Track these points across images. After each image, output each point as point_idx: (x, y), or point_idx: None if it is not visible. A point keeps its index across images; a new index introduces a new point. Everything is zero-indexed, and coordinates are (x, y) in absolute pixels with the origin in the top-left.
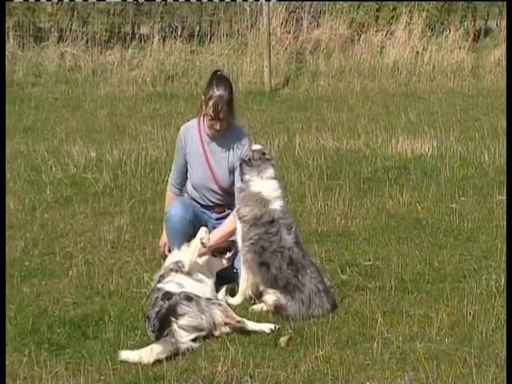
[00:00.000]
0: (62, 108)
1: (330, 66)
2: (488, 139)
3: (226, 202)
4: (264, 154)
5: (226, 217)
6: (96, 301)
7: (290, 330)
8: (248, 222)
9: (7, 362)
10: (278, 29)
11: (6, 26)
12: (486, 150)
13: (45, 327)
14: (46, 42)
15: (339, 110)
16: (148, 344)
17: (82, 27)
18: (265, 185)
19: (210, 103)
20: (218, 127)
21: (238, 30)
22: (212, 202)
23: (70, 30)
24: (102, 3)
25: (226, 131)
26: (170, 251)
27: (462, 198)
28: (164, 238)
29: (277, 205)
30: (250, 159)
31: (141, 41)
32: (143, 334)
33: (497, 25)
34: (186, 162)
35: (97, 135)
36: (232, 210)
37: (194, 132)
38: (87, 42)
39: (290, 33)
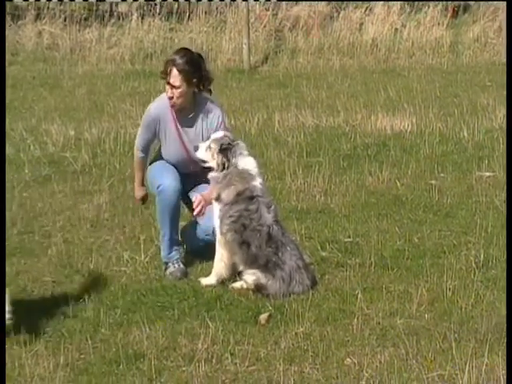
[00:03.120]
0: (40, 87)
1: (309, 43)
2: (467, 115)
3: (200, 170)
4: (228, 137)
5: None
6: (75, 280)
7: (270, 308)
8: (229, 202)
9: None
10: (257, 6)
11: None
12: (465, 126)
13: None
14: (24, 20)
15: (318, 87)
16: (128, 323)
17: (60, 5)
18: (247, 161)
19: (164, 67)
20: (170, 94)
21: (216, 8)
22: (187, 170)
23: (48, 7)
24: None
25: (195, 107)
26: (144, 202)
27: (442, 174)
28: (140, 193)
29: (258, 182)
30: (229, 145)
31: (119, 18)
32: (123, 313)
33: (476, 1)
34: (155, 137)
35: (75, 114)
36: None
37: (166, 112)
38: (65, 20)
39: (268, 10)
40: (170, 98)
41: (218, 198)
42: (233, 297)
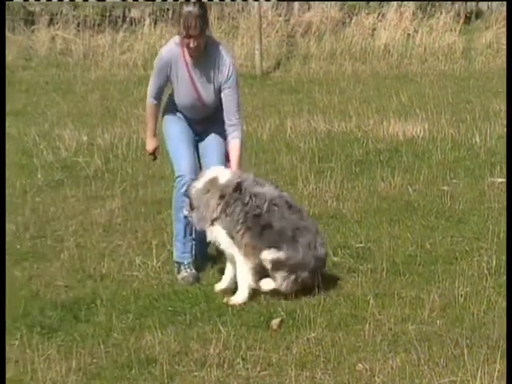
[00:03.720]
0: (53, 92)
1: (321, 48)
2: (479, 121)
3: (212, 115)
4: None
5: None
6: (88, 284)
7: (282, 313)
8: (221, 211)
9: None
10: (269, 12)
11: None
12: (478, 132)
13: (36, 310)
14: (37, 25)
15: (331, 92)
16: (140, 328)
17: (73, 10)
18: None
19: (181, 21)
20: (191, 45)
21: (228, 13)
22: (198, 115)
23: (61, 13)
24: None
25: (206, 52)
26: (155, 157)
27: (454, 180)
28: (152, 144)
29: (223, 179)
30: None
31: (132, 24)
32: (135, 318)
33: (488, 7)
34: (168, 82)
35: (88, 119)
36: (218, 123)
37: (178, 57)
38: (78, 26)
39: (280, 15)
40: (194, 50)
41: (213, 223)
42: (244, 302)
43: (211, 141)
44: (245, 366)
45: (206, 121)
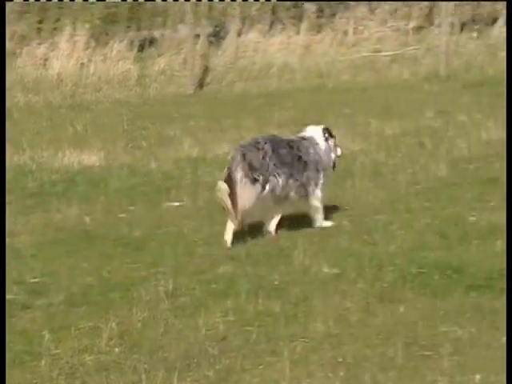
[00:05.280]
0: None
1: None
2: (155, 147)
3: None
4: None
5: None
6: None
7: None
8: None
9: None
10: None
11: None
12: (153, 158)
13: None
14: None
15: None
16: None
17: None
18: None
19: None
20: None
21: None
22: None
23: None
24: None
25: None
26: None
27: (131, 207)
28: None
29: None
30: None
31: None
32: None
33: (162, 35)
34: None
35: None
36: None
37: None
38: None
39: None
40: None
41: None
42: None
43: None
44: None
45: None
